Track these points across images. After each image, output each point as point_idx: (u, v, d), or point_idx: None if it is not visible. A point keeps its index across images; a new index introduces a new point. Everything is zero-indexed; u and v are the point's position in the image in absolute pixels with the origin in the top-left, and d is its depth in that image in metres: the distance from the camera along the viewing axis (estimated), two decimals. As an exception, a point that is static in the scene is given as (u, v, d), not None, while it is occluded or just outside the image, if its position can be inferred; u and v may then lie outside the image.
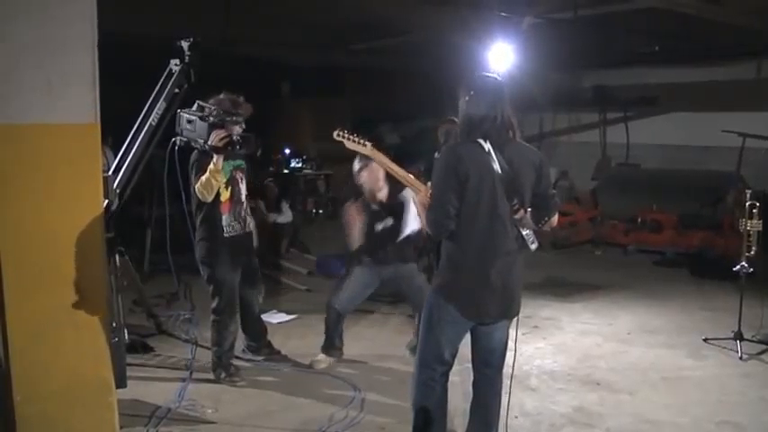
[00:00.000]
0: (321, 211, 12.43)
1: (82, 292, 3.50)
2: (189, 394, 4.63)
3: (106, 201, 3.98)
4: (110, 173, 4.81)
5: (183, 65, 4.93)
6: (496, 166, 3.29)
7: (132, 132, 4.93)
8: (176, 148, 4.58)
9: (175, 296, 6.94)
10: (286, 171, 12.23)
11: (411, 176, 3.77)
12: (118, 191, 4.88)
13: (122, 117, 4.79)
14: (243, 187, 4.98)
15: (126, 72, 7.26)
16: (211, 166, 4.56)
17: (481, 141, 3.31)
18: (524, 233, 3.42)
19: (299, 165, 12.49)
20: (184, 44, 4.92)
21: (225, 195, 4.80)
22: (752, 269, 5.73)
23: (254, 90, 5.03)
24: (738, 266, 5.75)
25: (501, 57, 7.63)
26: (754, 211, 5.68)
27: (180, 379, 4.90)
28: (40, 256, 3.44)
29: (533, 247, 3.46)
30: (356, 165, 5.09)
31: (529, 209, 3.43)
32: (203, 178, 4.60)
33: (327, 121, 13.31)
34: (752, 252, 5.72)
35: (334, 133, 4.00)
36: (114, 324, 3.87)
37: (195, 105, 4.71)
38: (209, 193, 4.65)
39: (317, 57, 11.63)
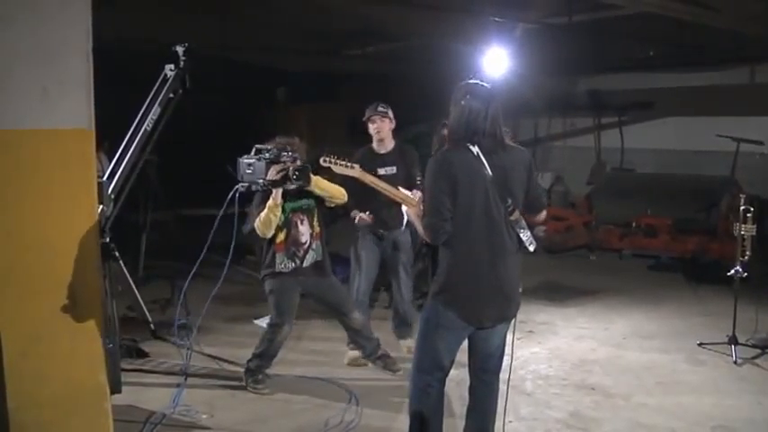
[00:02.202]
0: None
1: (77, 298, 3.49)
2: (184, 400, 4.61)
3: (101, 206, 3.97)
4: (104, 178, 4.82)
5: (177, 70, 4.94)
6: (487, 170, 3.32)
7: (127, 138, 4.93)
8: (237, 195, 4.40)
9: (170, 301, 6.92)
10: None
11: (401, 192, 3.79)
12: (113, 196, 4.90)
13: (118, 122, 4.77)
14: (304, 229, 4.87)
15: (122, 77, 7.26)
16: (270, 201, 4.59)
17: (470, 146, 3.34)
18: (522, 234, 3.44)
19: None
20: (179, 49, 4.94)
21: (279, 238, 4.81)
22: (746, 274, 5.73)
23: (250, 95, 5.01)
24: (733, 271, 5.76)
25: (496, 62, 7.66)
26: (748, 215, 5.68)
27: (175, 384, 4.88)
28: (35, 261, 3.43)
29: (531, 248, 3.48)
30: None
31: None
32: (262, 215, 4.64)
33: (323, 126, 13.37)
34: (746, 256, 5.72)
35: (321, 160, 4.03)
36: (109, 329, 3.86)
37: (253, 150, 4.61)
38: (267, 230, 4.70)
39: (313, 62, 11.64)
